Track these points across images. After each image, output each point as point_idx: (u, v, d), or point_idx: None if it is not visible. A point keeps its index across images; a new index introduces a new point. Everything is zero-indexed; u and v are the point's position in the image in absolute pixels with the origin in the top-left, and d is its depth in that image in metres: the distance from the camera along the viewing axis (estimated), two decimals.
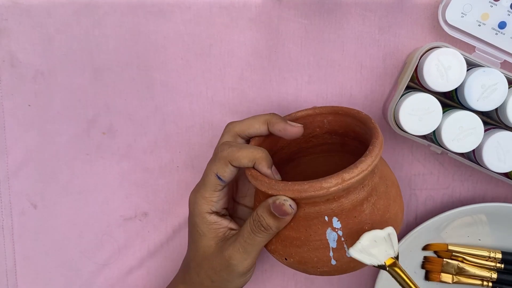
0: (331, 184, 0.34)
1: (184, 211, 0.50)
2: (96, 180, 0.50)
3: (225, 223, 0.40)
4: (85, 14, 0.47)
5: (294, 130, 0.40)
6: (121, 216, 0.50)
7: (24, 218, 0.50)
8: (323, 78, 0.48)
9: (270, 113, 0.41)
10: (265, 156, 0.37)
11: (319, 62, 0.48)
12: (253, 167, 0.37)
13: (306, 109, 0.44)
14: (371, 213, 0.36)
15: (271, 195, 0.36)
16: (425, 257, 0.49)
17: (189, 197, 0.41)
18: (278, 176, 0.38)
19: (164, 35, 0.47)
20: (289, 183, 0.35)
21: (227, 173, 0.38)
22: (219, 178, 0.38)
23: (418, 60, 0.43)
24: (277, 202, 0.35)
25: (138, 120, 0.49)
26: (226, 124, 0.42)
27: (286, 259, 0.38)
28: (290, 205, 0.35)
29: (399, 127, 0.44)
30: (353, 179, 0.34)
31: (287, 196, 0.35)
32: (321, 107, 0.43)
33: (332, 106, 0.43)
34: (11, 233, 0.50)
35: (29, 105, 0.48)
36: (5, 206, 0.50)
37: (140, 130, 0.49)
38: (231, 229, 0.41)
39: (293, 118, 0.43)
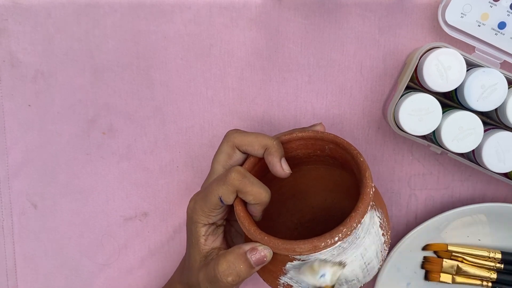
0: (303, 249, 0.35)
1: (184, 211, 0.50)
2: (96, 180, 0.50)
3: (212, 243, 0.40)
4: (85, 14, 0.47)
5: (281, 173, 0.40)
6: (121, 216, 0.50)
7: (24, 218, 0.50)
8: (323, 78, 0.48)
9: (273, 139, 0.40)
10: (268, 200, 0.38)
11: (319, 62, 0.48)
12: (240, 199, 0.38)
13: (307, 131, 0.42)
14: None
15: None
16: (425, 257, 0.49)
17: (190, 201, 0.41)
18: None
19: (164, 35, 0.47)
20: (266, 238, 0.36)
21: (231, 199, 0.38)
22: (221, 201, 0.38)
23: (418, 60, 0.43)
24: (257, 253, 0.36)
25: (138, 120, 0.49)
26: (228, 130, 0.41)
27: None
28: (266, 256, 0.37)
29: (399, 127, 0.44)
30: (325, 248, 0.35)
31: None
32: (323, 133, 0.41)
33: (334, 136, 0.41)
34: (11, 233, 0.50)
35: (29, 105, 0.48)
36: (5, 206, 0.50)
37: (140, 130, 0.49)
38: (218, 248, 0.40)
39: (296, 138, 0.41)
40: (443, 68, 0.42)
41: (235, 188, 0.37)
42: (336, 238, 0.35)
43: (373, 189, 0.37)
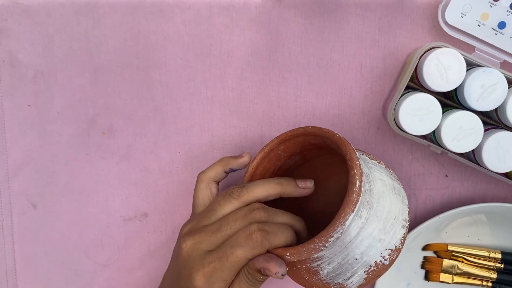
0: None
1: (184, 211, 0.50)
2: (96, 180, 0.50)
3: None
4: (85, 14, 0.47)
5: (307, 191, 0.41)
6: (121, 216, 0.50)
7: (24, 218, 0.50)
8: (323, 78, 0.48)
9: (275, 180, 0.40)
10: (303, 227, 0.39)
11: (319, 62, 0.48)
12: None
13: (292, 130, 0.43)
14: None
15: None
16: (425, 257, 0.49)
17: (187, 242, 0.38)
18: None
19: (164, 35, 0.47)
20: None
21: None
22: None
23: (418, 60, 0.43)
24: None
25: (138, 120, 0.49)
26: (239, 187, 0.40)
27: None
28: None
29: (398, 127, 0.44)
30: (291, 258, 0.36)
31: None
32: (300, 128, 0.42)
33: (312, 128, 0.41)
34: (11, 233, 0.50)
35: (29, 105, 0.48)
36: (5, 206, 0.50)
37: (140, 130, 0.49)
38: None
39: (283, 138, 0.42)
40: (443, 68, 0.42)
41: (264, 249, 0.36)
42: (321, 244, 0.35)
43: (358, 184, 0.36)
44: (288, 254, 0.36)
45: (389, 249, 0.37)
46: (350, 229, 0.36)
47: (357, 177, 0.36)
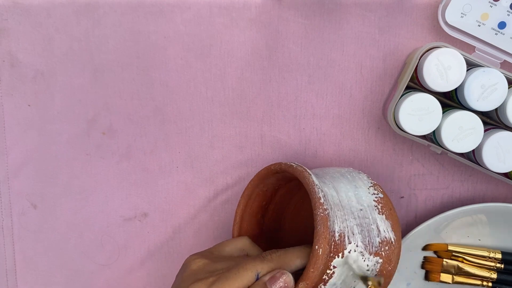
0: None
1: (184, 211, 0.50)
2: (96, 180, 0.50)
3: None
4: (85, 14, 0.47)
5: None
6: (121, 216, 0.50)
7: (24, 218, 0.50)
8: (323, 78, 0.48)
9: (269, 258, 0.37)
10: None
11: (319, 62, 0.48)
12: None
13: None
14: None
15: None
16: (425, 257, 0.49)
17: (192, 266, 0.38)
18: None
19: (164, 35, 0.47)
20: None
21: None
22: None
23: (418, 60, 0.43)
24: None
25: (138, 120, 0.49)
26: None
27: None
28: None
29: (399, 127, 0.44)
30: None
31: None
32: (273, 165, 0.43)
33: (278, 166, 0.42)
34: (11, 233, 0.50)
35: (29, 105, 0.48)
36: (5, 206, 0.50)
37: (140, 130, 0.49)
38: None
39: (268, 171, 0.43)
40: (443, 68, 0.42)
41: None
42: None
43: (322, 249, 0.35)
44: None
45: (373, 254, 0.38)
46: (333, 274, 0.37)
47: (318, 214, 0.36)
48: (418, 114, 0.43)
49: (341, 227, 0.37)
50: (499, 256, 0.48)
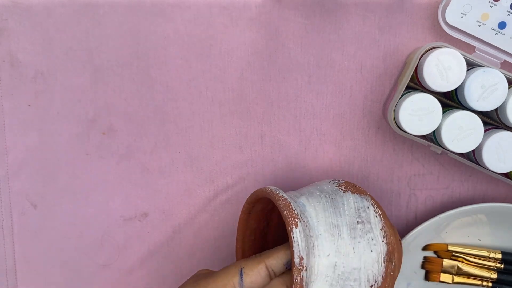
0: None
1: (184, 211, 0.50)
2: (96, 180, 0.50)
3: None
4: (85, 14, 0.47)
5: None
6: (121, 216, 0.50)
7: (24, 218, 0.50)
8: (323, 78, 0.48)
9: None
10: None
11: (319, 62, 0.48)
12: None
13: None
14: None
15: None
16: (425, 257, 0.49)
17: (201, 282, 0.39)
18: None
19: (164, 35, 0.47)
20: None
21: None
22: None
23: (418, 60, 0.43)
24: None
25: (138, 120, 0.49)
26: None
27: None
28: None
29: (399, 127, 0.44)
30: None
31: None
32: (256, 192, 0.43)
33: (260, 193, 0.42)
34: (11, 233, 0.50)
35: (29, 105, 0.48)
36: (5, 206, 0.50)
37: (140, 130, 0.49)
38: None
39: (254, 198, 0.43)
40: (443, 68, 0.42)
41: None
42: None
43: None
44: None
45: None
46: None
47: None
48: (418, 114, 0.43)
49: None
50: (499, 256, 0.48)
